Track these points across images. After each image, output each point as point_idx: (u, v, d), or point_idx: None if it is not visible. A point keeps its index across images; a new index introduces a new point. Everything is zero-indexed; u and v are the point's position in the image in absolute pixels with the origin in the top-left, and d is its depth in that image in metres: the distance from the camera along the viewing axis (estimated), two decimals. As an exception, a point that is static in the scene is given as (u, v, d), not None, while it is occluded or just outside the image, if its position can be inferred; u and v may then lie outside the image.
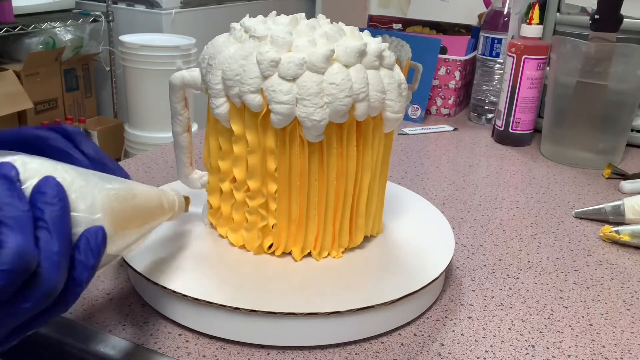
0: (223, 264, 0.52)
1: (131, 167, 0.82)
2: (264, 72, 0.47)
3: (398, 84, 0.52)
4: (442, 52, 1.12)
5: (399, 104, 0.52)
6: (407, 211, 0.64)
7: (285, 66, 0.47)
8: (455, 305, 0.55)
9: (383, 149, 0.54)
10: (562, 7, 1.00)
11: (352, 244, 0.55)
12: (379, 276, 0.52)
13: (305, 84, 0.47)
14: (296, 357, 0.46)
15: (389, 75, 0.52)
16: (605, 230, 0.68)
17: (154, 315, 0.50)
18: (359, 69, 0.49)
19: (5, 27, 2.04)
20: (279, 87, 0.47)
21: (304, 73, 0.47)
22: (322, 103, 0.47)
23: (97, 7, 2.44)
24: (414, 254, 0.55)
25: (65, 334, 0.48)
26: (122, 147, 2.36)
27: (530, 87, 0.95)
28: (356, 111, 0.49)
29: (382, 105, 0.51)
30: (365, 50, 0.49)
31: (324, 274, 0.52)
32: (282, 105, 0.47)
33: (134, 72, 2.14)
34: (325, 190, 0.52)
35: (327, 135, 0.49)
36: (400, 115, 0.53)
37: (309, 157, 0.50)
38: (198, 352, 0.46)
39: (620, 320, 0.54)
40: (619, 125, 0.92)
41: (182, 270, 0.50)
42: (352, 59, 0.49)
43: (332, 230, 0.53)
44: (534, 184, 0.85)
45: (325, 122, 0.48)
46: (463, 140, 1.03)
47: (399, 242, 0.58)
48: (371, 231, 0.57)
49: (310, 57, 0.47)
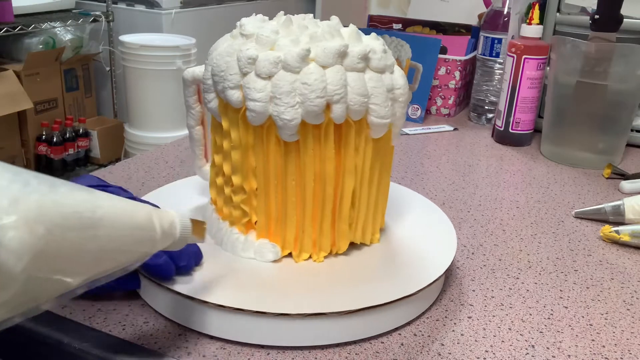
0: (223, 265, 0.52)
1: (131, 167, 0.82)
2: (242, 69, 0.48)
3: (388, 89, 0.51)
4: (442, 52, 1.12)
5: (386, 109, 0.51)
6: (410, 211, 0.64)
7: (261, 64, 0.48)
8: (455, 305, 0.55)
9: (372, 155, 0.53)
10: (562, 7, 1.00)
11: (335, 249, 0.54)
12: (380, 277, 0.52)
13: (278, 83, 0.47)
14: (296, 357, 0.46)
15: (375, 79, 0.50)
16: (605, 230, 0.68)
17: (154, 315, 0.50)
18: (337, 70, 0.48)
19: (5, 27, 2.04)
20: (254, 84, 0.48)
21: (278, 72, 0.48)
22: (294, 102, 0.47)
23: (97, 7, 2.43)
24: (416, 255, 0.55)
25: (65, 334, 0.47)
26: (122, 147, 2.36)
27: (530, 87, 0.95)
28: (332, 113, 0.48)
29: (364, 109, 0.50)
30: (345, 52, 0.49)
31: (324, 275, 0.52)
32: (256, 103, 0.48)
33: (134, 72, 2.14)
34: (302, 191, 0.51)
35: (302, 135, 0.49)
36: (386, 122, 0.51)
37: (286, 157, 0.50)
38: (198, 352, 0.46)
39: (620, 320, 0.54)
40: (619, 125, 0.92)
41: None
42: (330, 59, 0.48)
43: (311, 232, 0.53)
44: (534, 184, 0.85)
45: (296, 121, 0.48)
46: (463, 140, 1.03)
47: (400, 243, 0.58)
48: (362, 239, 0.56)
49: (286, 56, 0.47)
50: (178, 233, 0.41)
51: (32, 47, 2.24)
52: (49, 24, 2.21)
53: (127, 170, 0.81)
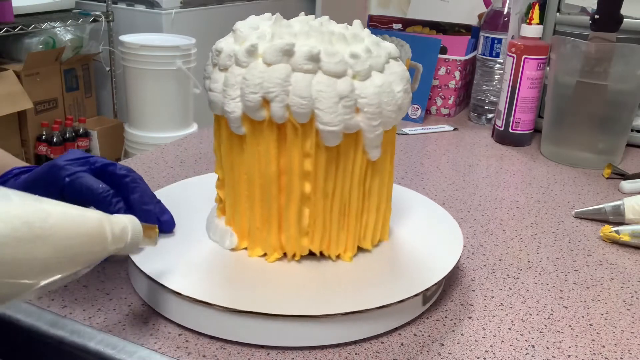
0: (223, 265, 0.52)
1: (131, 167, 0.82)
2: (212, 60, 0.52)
3: (340, 97, 0.47)
4: (442, 52, 1.12)
5: (333, 116, 0.47)
6: (415, 212, 0.64)
7: (221, 57, 0.50)
8: (455, 305, 0.55)
9: (326, 163, 0.50)
10: (562, 7, 1.00)
11: (290, 253, 0.53)
12: (381, 278, 0.52)
13: (229, 75, 0.49)
14: (296, 357, 0.46)
15: (326, 83, 0.47)
16: (605, 230, 0.68)
17: (154, 315, 0.50)
18: (281, 69, 0.48)
19: (5, 27, 2.04)
20: (214, 75, 0.51)
21: (232, 65, 0.49)
22: (235, 95, 0.49)
23: (97, 7, 2.43)
24: (419, 257, 0.55)
25: (65, 334, 0.47)
26: (122, 147, 2.36)
27: (530, 87, 0.95)
28: (270, 111, 0.48)
29: (308, 112, 0.48)
30: (291, 51, 0.48)
31: (324, 276, 0.52)
32: (213, 93, 0.51)
33: (134, 72, 2.14)
34: (251, 187, 0.52)
35: (248, 130, 0.50)
36: (333, 129, 0.48)
37: (236, 149, 0.52)
38: (198, 352, 0.46)
39: (620, 320, 0.54)
40: (619, 125, 0.92)
41: (182, 270, 0.50)
42: (274, 57, 0.48)
43: (262, 230, 0.53)
44: (534, 184, 0.85)
45: (236, 114, 0.49)
46: (463, 140, 1.03)
47: (403, 245, 0.58)
48: (319, 247, 0.53)
49: (237, 51, 0.49)
50: (129, 238, 0.43)
51: (32, 47, 2.24)
52: (49, 24, 2.21)
53: (127, 170, 0.81)
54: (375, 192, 0.54)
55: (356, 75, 0.49)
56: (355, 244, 0.54)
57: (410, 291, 0.49)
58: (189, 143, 0.93)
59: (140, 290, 0.52)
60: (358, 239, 0.54)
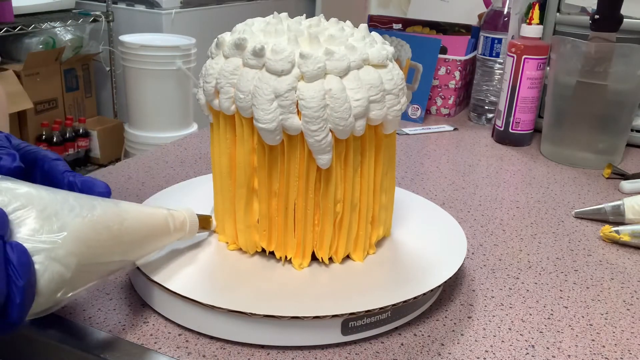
0: (224, 266, 0.52)
1: (131, 167, 0.82)
2: None
3: (276, 94, 0.46)
4: (442, 52, 1.12)
5: (264, 113, 0.46)
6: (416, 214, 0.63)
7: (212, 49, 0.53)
8: (455, 305, 0.55)
9: (269, 162, 0.49)
10: (562, 7, 1.00)
11: (252, 249, 0.53)
12: (381, 279, 0.52)
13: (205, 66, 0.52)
14: (296, 357, 0.46)
15: (263, 79, 0.47)
16: (605, 230, 0.68)
17: (154, 315, 0.50)
18: (230, 62, 0.49)
19: (5, 27, 2.04)
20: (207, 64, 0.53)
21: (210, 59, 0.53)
22: (202, 84, 0.52)
23: (97, 7, 2.44)
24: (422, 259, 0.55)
25: (65, 334, 0.48)
26: (122, 147, 2.36)
27: (530, 87, 0.95)
28: (219, 101, 0.50)
29: (248, 106, 0.48)
30: (241, 45, 0.49)
31: (325, 278, 0.52)
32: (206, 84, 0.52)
33: (134, 72, 2.14)
34: (215, 175, 0.54)
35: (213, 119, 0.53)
36: (264, 126, 0.47)
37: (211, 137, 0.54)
38: (198, 352, 0.46)
39: (620, 320, 0.54)
40: (619, 125, 0.92)
41: (183, 271, 0.50)
42: (229, 50, 0.50)
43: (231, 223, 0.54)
44: (534, 184, 0.85)
45: (202, 101, 0.53)
46: (463, 140, 1.03)
47: (405, 246, 0.58)
48: (271, 247, 0.52)
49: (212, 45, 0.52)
50: (187, 228, 0.51)
51: (32, 47, 2.24)
52: (49, 24, 2.21)
53: (127, 170, 0.81)
54: (330, 202, 0.50)
55: (302, 76, 0.47)
56: (309, 251, 0.52)
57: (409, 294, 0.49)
58: (189, 143, 0.93)
59: (140, 290, 0.52)
60: (315, 246, 0.52)
